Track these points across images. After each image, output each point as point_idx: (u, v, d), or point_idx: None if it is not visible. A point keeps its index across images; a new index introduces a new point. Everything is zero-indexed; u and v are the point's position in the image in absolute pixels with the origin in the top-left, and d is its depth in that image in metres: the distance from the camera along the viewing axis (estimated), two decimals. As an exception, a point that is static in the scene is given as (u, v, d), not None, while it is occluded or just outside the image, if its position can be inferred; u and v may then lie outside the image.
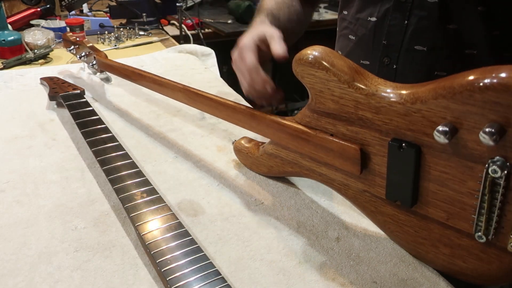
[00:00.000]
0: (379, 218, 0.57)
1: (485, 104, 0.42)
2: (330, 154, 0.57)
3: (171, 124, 0.90)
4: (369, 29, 0.77)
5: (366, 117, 0.52)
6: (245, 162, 0.74)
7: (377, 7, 0.75)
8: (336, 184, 0.60)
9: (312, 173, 0.62)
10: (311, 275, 0.54)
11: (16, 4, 1.56)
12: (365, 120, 0.53)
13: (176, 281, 0.48)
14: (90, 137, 0.75)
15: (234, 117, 0.70)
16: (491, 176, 0.43)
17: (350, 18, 0.82)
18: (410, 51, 0.72)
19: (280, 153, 0.66)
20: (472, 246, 0.49)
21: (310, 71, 0.55)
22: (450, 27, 0.68)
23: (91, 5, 1.80)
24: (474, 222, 0.47)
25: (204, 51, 1.32)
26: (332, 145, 0.57)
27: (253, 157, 0.72)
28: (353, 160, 0.55)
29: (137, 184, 0.64)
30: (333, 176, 0.60)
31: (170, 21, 2.03)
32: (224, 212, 0.65)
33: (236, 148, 0.75)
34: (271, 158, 0.68)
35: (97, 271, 0.54)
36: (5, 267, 0.55)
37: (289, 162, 0.65)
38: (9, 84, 1.07)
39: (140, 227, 0.56)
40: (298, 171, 0.65)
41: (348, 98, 0.53)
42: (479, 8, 0.66)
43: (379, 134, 0.52)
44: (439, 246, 0.52)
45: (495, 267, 0.48)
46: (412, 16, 0.70)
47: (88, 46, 1.03)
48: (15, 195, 0.68)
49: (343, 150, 0.55)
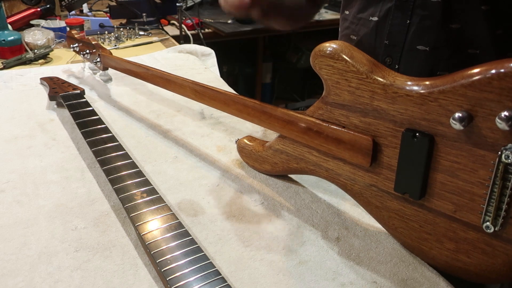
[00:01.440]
0: (384, 214, 0.57)
1: (502, 91, 0.43)
2: (341, 146, 0.58)
3: (171, 124, 0.90)
4: (371, 29, 0.77)
5: (381, 107, 0.53)
6: (248, 160, 0.74)
7: (378, 7, 0.75)
8: (342, 179, 0.60)
9: (318, 169, 0.63)
10: (311, 275, 0.54)
11: (16, 4, 1.56)
12: (379, 111, 0.54)
13: (176, 281, 0.48)
14: (90, 137, 0.76)
15: (244, 111, 0.70)
16: (504, 162, 0.44)
17: (351, 18, 0.82)
18: (413, 51, 0.72)
19: (286, 148, 0.66)
20: (478, 239, 0.49)
21: (329, 62, 0.56)
22: (453, 27, 0.68)
23: (91, 5, 1.80)
24: (482, 213, 0.47)
25: (204, 51, 1.32)
26: (344, 136, 0.57)
27: (257, 154, 0.72)
28: (365, 151, 0.55)
29: (137, 184, 0.64)
30: (340, 170, 0.60)
31: (170, 21, 2.03)
32: (224, 212, 0.65)
33: (240, 146, 0.75)
34: (277, 154, 0.68)
35: (97, 271, 0.54)
36: (5, 267, 0.55)
37: (295, 158, 0.65)
38: (9, 84, 1.07)
39: (140, 227, 0.56)
40: (303, 167, 0.65)
41: (365, 88, 0.54)
42: (483, 7, 0.66)
43: (393, 124, 0.53)
44: (444, 241, 0.52)
45: (500, 261, 0.48)
46: (414, 15, 0.70)
47: (94, 43, 1.04)
48: (15, 195, 0.68)
49: (355, 142, 0.56)
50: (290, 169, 0.68)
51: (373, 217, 0.60)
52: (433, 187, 0.51)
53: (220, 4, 0.67)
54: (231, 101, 0.71)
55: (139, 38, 1.51)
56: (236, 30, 2.11)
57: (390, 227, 0.58)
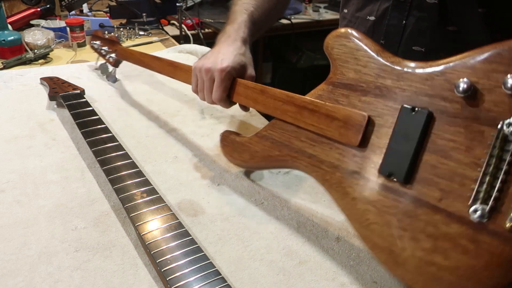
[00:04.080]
0: (359, 207, 0.54)
1: (511, 61, 0.45)
2: (333, 124, 0.58)
3: (171, 124, 0.90)
4: (368, 28, 0.77)
5: (384, 85, 0.54)
6: (227, 150, 0.73)
7: (376, 6, 0.75)
8: (324, 167, 0.58)
9: (300, 156, 0.61)
10: (311, 275, 0.54)
11: (16, 4, 1.56)
12: (382, 89, 0.54)
13: (176, 281, 0.48)
14: (90, 137, 0.76)
15: (242, 93, 0.71)
16: (504, 133, 0.44)
17: (349, 17, 0.82)
18: (408, 52, 0.72)
19: (273, 133, 0.65)
20: (460, 234, 0.46)
21: (343, 42, 0.58)
22: (450, 29, 0.68)
23: (91, 5, 1.80)
24: (471, 197, 0.45)
25: (204, 51, 1.31)
26: (339, 112, 0.57)
27: (239, 142, 0.70)
28: (357, 127, 0.55)
29: (137, 184, 0.64)
30: (324, 156, 0.58)
31: (170, 21, 2.03)
32: (224, 212, 0.65)
33: (223, 135, 0.73)
34: (261, 141, 0.67)
35: (97, 271, 0.54)
36: (5, 267, 0.55)
37: (279, 145, 0.64)
38: (9, 84, 1.07)
39: (140, 227, 0.56)
40: (285, 155, 0.63)
41: (373, 66, 0.56)
42: (480, 9, 0.66)
43: (393, 102, 0.53)
44: (421, 238, 0.48)
45: (482, 263, 0.44)
46: (411, 16, 0.70)
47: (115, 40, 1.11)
48: (15, 195, 0.68)
49: (349, 118, 0.56)
50: (270, 158, 0.66)
51: (345, 213, 0.55)
52: (422, 171, 0.49)
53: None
54: (234, 84, 0.72)
55: (139, 38, 1.51)
56: (236, 30, 2.11)
57: (362, 223, 0.53)
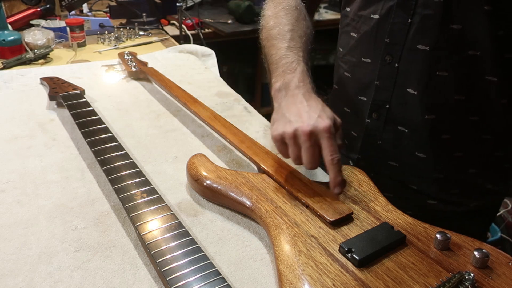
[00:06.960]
0: (302, 259, 0.52)
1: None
2: (320, 199, 0.61)
3: (171, 124, 0.90)
4: (372, 26, 0.76)
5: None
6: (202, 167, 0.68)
7: (380, 5, 0.74)
8: (285, 219, 0.58)
9: (267, 202, 0.61)
10: (311, 275, 0.54)
11: (16, 4, 1.56)
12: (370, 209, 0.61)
13: (176, 281, 0.48)
14: (90, 137, 0.76)
15: (251, 149, 0.72)
16: (457, 280, 0.48)
17: (352, 15, 0.81)
18: (413, 50, 0.72)
19: (255, 180, 0.64)
20: None
21: None
22: (454, 27, 0.68)
23: (91, 5, 1.80)
24: None
25: (205, 52, 1.32)
26: (327, 195, 0.62)
27: (218, 168, 0.68)
28: (339, 212, 0.58)
29: (137, 184, 0.64)
30: (291, 213, 0.59)
31: (170, 21, 2.03)
32: (224, 212, 0.65)
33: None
34: (238, 178, 0.65)
35: (97, 271, 0.54)
36: (5, 267, 0.55)
37: (254, 188, 0.63)
38: (9, 84, 1.07)
39: (140, 227, 0.56)
40: (251, 195, 0.62)
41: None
42: (486, 7, 0.66)
43: (376, 220, 0.59)
44: None
45: None
46: (416, 14, 0.70)
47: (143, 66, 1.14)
48: (15, 195, 0.68)
49: (337, 203, 0.60)
50: (236, 190, 0.63)
51: (281, 253, 0.53)
52: (376, 265, 0.51)
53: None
54: (253, 144, 0.74)
55: (139, 38, 1.51)
56: (236, 30, 2.11)
57: (294, 270, 0.51)
